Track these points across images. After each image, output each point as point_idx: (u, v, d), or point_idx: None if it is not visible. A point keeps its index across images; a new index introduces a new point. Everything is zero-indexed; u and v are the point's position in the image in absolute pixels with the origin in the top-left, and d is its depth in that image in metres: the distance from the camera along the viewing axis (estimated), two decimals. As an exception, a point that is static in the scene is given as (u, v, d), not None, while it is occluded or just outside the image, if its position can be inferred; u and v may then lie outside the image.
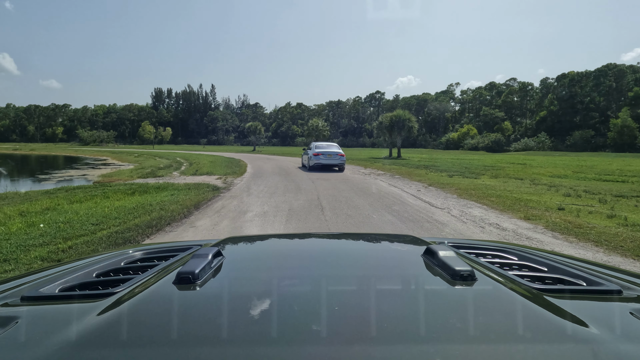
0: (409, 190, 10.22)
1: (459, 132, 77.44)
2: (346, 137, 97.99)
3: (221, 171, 15.49)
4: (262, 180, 12.28)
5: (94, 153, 41.88)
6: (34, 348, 0.53)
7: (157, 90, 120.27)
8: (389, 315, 0.65)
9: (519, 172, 16.29)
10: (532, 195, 9.02)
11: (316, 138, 43.59)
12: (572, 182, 12.45)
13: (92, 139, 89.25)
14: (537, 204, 7.79)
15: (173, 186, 10.17)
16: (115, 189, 9.35)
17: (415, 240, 1.22)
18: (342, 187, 10.48)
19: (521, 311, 0.66)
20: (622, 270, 1.03)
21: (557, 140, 66.12)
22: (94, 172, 18.92)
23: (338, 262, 1.05)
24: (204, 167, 17.76)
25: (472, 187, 10.36)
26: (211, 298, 0.74)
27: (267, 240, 1.42)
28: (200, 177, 13.15)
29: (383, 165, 20.32)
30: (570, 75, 71.86)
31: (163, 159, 26.94)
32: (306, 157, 17.61)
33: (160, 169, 17.40)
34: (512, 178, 13.56)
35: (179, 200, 7.80)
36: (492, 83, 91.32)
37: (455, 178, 13.31)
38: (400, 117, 32.72)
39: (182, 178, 12.96)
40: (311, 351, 0.53)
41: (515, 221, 6.30)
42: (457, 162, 25.12)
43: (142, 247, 1.26)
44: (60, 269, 1.00)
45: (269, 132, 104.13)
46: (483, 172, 16.31)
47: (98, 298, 0.71)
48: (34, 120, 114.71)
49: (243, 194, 9.15)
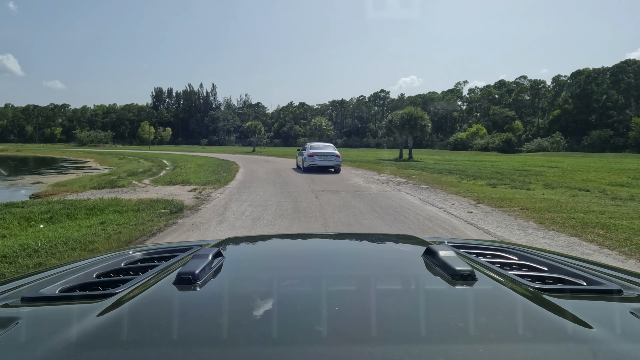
0: (456, 211, 7.15)
1: (468, 132, 74.51)
2: (350, 137, 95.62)
3: (203, 178, 12.50)
4: (249, 194, 9.28)
5: (80, 154, 39.03)
6: (35, 349, 0.54)
7: (157, 89, 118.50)
8: (389, 315, 0.65)
9: (568, 179, 13.17)
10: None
11: (319, 138, 40.91)
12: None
13: (89, 139, 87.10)
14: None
15: (119, 205, 7.18)
16: (24, 213, 6.37)
17: (415, 240, 1.22)
18: (358, 206, 7.45)
19: (521, 311, 0.66)
20: (622, 269, 1.01)
21: (572, 140, 62.76)
22: (54, 178, 15.95)
23: (338, 262, 1.04)
24: (185, 172, 14.79)
25: (544, 207, 7.27)
26: (211, 298, 0.73)
27: (267, 240, 1.40)
28: (169, 189, 10.15)
29: (398, 170, 17.29)
30: (586, 72, 68.34)
31: (147, 162, 24.00)
32: (300, 158, 16.92)
33: (133, 174, 14.44)
34: (572, 188, 10.45)
35: (97, 237, 4.80)
36: (501, 81, 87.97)
37: (501, 189, 10.24)
38: (412, 115, 29.68)
39: (146, 190, 9.96)
40: (312, 351, 0.53)
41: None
42: (479, 164, 22.03)
43: (142, 247, 1.25)
44: (61, 269, 1.00)
45: (271, 133, 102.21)
46: (524, 178, 13.21)
47: (98, 299, 0.71)
48: (32, 121, 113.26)
49: (213, 220, 6.14)
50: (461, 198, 8.71)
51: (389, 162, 24.23)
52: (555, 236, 5.25)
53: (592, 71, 68.01)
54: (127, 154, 36.44)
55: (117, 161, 27.11)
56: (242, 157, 32.23)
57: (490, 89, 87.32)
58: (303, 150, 16.93)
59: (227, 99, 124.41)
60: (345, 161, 25.07)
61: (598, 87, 66.66)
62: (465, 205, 7.74)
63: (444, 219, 6.36)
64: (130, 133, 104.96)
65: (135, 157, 30.55)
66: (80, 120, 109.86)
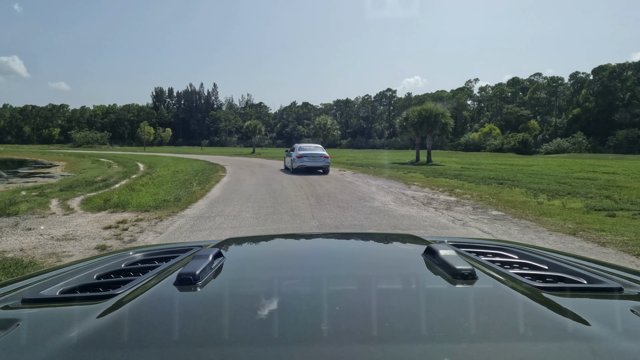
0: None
1: (480, 132, 70.43)
2: (355, 137, 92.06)
3: (160, 196, 8.60)
4: (214, 229, 5.38)
5: (56, 157, 35.22)
6: (36, 350, 0.53)
7: (157, 89, 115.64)
8: (390, 314, 0.65)
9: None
10: None
11: (324, 139, 37.14)
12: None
13: (84, 140, 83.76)
14: None
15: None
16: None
17: (415, 240, 1.21)
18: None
19: (522, 309, 0.66)
20: (622, 267, 1.00)
21: (595, 141, 58.34)
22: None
23: (339, 262, 1.04)
24: (147, 184, 10.94)
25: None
26: (212, 299, 0.73)
27: (267, 240, 1.38)
28: (85, 219, 6.23)
29: (427, 178, 13.35)
30: (609, 67, 63.79)
31: (119, 167, 20.17)
32: (289, 160, 16.66)
33: (79, 186, 10.61)
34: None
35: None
36: (515, 78, 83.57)
37: (602, 216, 6.28)
38: (431, 112, 25.65)
39: (43, 221, 6.04)
40: (312, 351, 0.53)
41: None
42: (516, 169, 18.01)
43: (142, 248, 1.24)
44: (61, 271, 0.99)
45: (274, 133, 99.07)
46: (618, 193, 9.19)
47: (99, 300, 0.70)
48: (30, 121, 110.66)
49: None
50: (580, 240, 4.72)
51: (407, 167, 20.28)
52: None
53: (615, 66, 63.44)
54: (109, 156, 32.71)
55: (88, 165, 23.32)
56: (237, 160, 28.41)
57: (503, 87, 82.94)
58: (291, 152, 16.62)
59: (229, 98, 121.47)
60: (356, 165, 21.14)
61: (622, 84, 62.11)
62: (595, 250, 3.76)
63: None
64: (130, 134, 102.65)
65: (115, 160, 26.79)
66: (79, 121, 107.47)
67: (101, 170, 18.60)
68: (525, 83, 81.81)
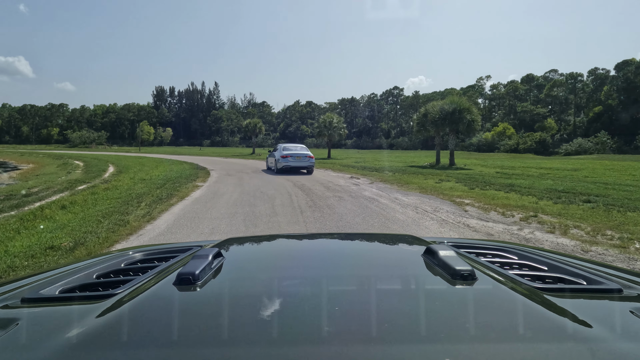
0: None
1: (493, 132, 66.47)
2: (360, 137, 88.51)
3: (57, 234, 5.15)
4: None
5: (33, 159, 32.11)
6: (35, 350, 0.53)
7: (158, 88, 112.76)
8: (389, 315, 0.65)
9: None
10: None
11: (329, 138, 33.63)
12: None
13: (80, 140, 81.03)
14: None
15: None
16: None
17: (415, 240, 1.20)
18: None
19: (522, 310, 0.66)
20: (622, 269, 1.00)
21: (620, 141, 54.23)
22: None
23: (338, 262, 1.04)
24: (74, 203, 7.49)
25: None
26: (211, 299, 0.73)
27: (267, 240, 1.37)
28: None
29: (472, 191, 9.77)
30: (634, 62, 59.58)
31: (80, 173, 16.78)
32: (272, 160, 16.53)
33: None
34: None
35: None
36: (529, 75, 79.37)
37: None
38: (455, 107, 22.05)
39: None
40: (312, 351, 0.53)
41: None
42: (562, 175, 14.28)
43: (142, 248, 1.24)
44: (61, 270, 0.99)
45: (277, 133, 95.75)
46: None
47: (98, 299, 0.71)
48: (29, 121, 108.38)
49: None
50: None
51: (430, 172, 16.70)
52: None
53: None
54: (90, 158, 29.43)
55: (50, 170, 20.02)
56: (231, 162, 25.01)
57: (517, 84, 78.80)
58: (274, 152, 16.52)
59: (231, 98, 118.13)
60: (368, 170, 17.53)
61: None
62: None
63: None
64: (130, 133, 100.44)
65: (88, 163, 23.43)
66: (78, 121, 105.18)
67: (55, 176, 15.24)
68: (540, 80, 77.63)
